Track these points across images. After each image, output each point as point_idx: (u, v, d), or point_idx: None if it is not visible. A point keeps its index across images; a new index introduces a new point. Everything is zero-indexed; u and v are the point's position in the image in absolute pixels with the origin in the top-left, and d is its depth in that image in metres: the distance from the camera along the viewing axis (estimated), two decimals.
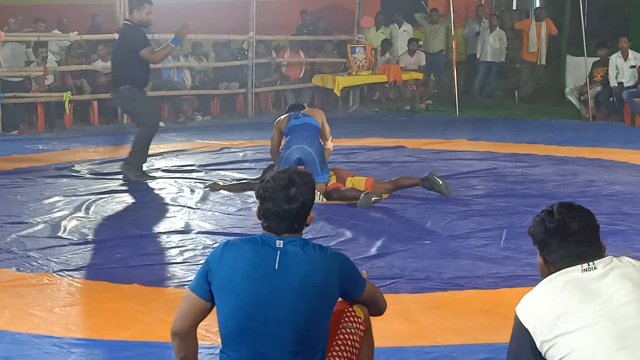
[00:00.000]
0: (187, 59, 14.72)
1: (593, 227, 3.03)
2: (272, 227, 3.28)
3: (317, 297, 3.20)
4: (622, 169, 9.61)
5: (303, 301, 3.17)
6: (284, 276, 3.18)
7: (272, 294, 3.17)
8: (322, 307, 3.23)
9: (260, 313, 3.16)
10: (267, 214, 3.28)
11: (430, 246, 6.48)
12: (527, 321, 2.88)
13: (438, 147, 11.25)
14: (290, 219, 3.26)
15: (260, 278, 3.18)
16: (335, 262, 3.29)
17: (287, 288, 3.17)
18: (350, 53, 15.60)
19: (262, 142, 11.60)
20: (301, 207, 3.27)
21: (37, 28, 13.76)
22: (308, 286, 3.18)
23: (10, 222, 7.13)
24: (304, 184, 3.30)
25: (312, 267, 3.21)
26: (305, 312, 3.17)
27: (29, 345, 4.54)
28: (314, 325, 3.21)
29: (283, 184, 3.27)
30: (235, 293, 3.19)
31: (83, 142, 11.56)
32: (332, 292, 3.27)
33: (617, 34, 14.64)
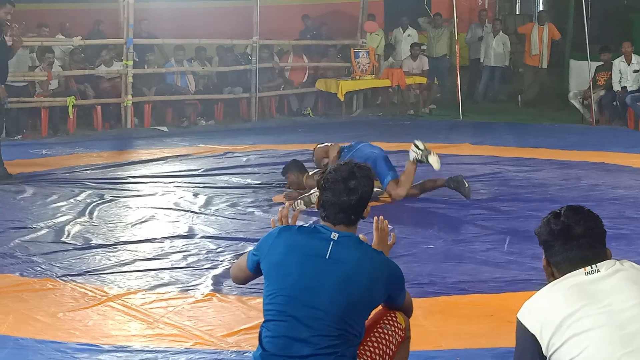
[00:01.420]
0: (191, 63, 14.72)
1: (598, 232, 3.01)
2: (330, 217, 3.37)
3: (359, 294, 3.26)
4: (626, 173, 9.61)
5: (344, 295, 3.24)
6: (332, 267, 3.26)
7: (317, 281, 3.25)
8: (362, 305, 3.29)
9: (302, 297, 3.24)
10: (326, 204, 3.38)
11: (434, 250, 6.48)
12: (531, 326, 2.87)
13: (441, 152, 11.15)
14: (348, 211, 3.35)
15: (309, 264, 3.28)
16: (385, 268, 3.36)
17: (332, 278, 3.25)
18: (353, 57, 15.61)
19: (266, 147, 11.63)
20: (360, 199, 3.36)
21: (41, 33, 13.77)
22: (353, 282, 3.25)
23: (14, 227, 7.13)
24: (364, 177, 3.40)
25: (361, 265, 3.28)
26: (344, 305, 3.23)
27: (32, 350, 4.54)
28: (350, 319, 3.26)
29: (344, 175, 3.37)
30: (283, 276, 3.29)
31: (87, 147, 11.57)
32: (376, 295, 3.34)
33: (621, 39, 14.64)
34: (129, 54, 13.47)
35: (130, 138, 12.78)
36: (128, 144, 12.23)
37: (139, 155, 11.05)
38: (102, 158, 10.79)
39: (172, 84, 14.40)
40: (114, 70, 13.62)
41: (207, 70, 15.01)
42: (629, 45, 13.98)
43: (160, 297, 5.41)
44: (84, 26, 15.06)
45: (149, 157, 10.80)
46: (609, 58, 14.24)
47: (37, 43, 13.10)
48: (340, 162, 3.47)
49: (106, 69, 13.63)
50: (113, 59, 13.67)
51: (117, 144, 12.17)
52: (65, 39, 14.05)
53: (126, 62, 13.47)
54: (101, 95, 13.56)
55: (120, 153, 11.37)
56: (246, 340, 4.64)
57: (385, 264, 3.37)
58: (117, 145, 12.05)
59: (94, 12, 15.90)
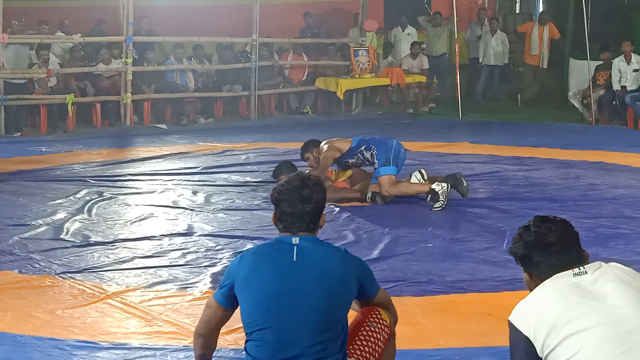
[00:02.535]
0: (190, 61, 14.72)
1: (571, 236, 3.05)
2: (288, 227, 3.45)
3: (335, 286, 3.34)
4: (625, 172, 9.61)
5: (323, 289, 3.31)
6: (303, 267, 3.34)
7: (292, 284, 3.31)
8: (341, 296, 3.36)
9: (283, 301, 3.30)
10: (282, 216, 3.46)
11: (433, 249, 6.48)
12: (525, 328, 2.87)
13: (441, 150, 11.25)
14: (305, 219, 3.44)
15: (281, 270, 3.34)
16: (352, 259, 3.49)
17: (306, 277, 3.32)
18: (353, 56, 15.60)
19: (265, 145, 11.63)
20: (315, 206, 3.46)
21: (41, 30, 13.77)
22: (327, 276, 3.33)
23: (13, 224, 7.13)
24: (316, 185, 3.51)
25: (329, 259, 3.39)
26: (325, 300, 3.30)
27: (31, 347, 4.54)
28: (334, 312, 3.33)
29: (296, 185, 3.48)
30: (257, 287, 3.33)
31: (86, 145, 11.57)
32: (350, 285, 3.41)
33: (620, 38, 14.63)
34: (128, 52, 13.47)
35: (129, 136, 12.78)
36: (127, 142, 12.23)
37: (138, 153, 11.05)
38: (102, 155, 10.79)
39: (171, 82, 14.39)
40: (114, 67, 13.61)
41: (206, 68, 15.00)
42: (628, 45, 13.98)
43: (159, 294, 5.42)
44: (84, 23, 15.05)
45: (148, 155, 10.81)
46: (609, 57, 14.23)
47: (37, 40, 13.09)
48: (290, 176, 3.59)
49: (105, 66, 13.62)
50: (112, 57, 13.66)
51: (117, 141, 12.17)
52: (64, 36, 14.05)
53: (126, 59, 13.46)
54: (101, 93, 13.55)
55: (119, 151, 11.37)
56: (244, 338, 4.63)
57: (351, 257, 3.50)
58: (117, 142, 12.05)
59: (93, 9, 15.89)
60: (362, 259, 3.61)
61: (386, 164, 7.90)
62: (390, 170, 7.91)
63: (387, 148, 7.97)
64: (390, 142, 8.05)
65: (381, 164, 7.91)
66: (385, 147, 7.98)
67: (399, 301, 5.23)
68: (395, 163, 7.96)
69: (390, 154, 7.94)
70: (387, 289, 5.38)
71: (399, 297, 5.34)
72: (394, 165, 7.94)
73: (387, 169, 7.90)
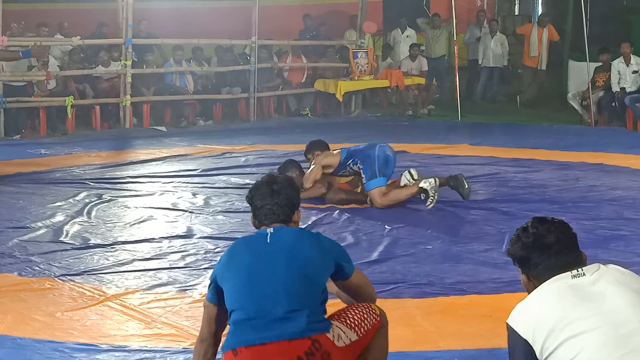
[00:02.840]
0: (190, 63, 14.72)
1: (570, 237, 3.05)
2: (262, 220, 3.64)
3: (309, 257, 3.49)
4: (624, 174, 9.60)
5: (295, 262, 3.45)
6: (277, 246, 3.51)
7: (266, 261, 3.46)
8: (315, 268, 3.49)
9: (259, 279, 3.43)
10: (256, 212, 3.65)
11: (432, 251, 6.48)
12: (524, 331, 2.87)
13: (440, 152, 11.25)
14: (277, 211, 3.62)
15: (255, 252, 3.51)
16: (326, 240, 3.66)
17: (279, 253, 3.47)
18: (352, 58, 15.61)
19: (264, 147, 11.63)
20: (285, 199, 3.64)
21: (40, 33, 13.77)
22: (299, 248, 3.49)
23: (12, 227, 7.13)
24: (285, 180, 3.72)
25: (302, 239, 3.56)
26: (297, 273, 3.43)
27: (30, 350, 4.53)
28: (309, 284, 3.45)
29: (266, 180, 3.70)
30: (235, 271, 3.49)
31: (85, 147, 11.57)
32: (326, 261, 3.55)
33: (619, 40, 14.65)
34: (127, 54, 13.47)
35: (128, 138, 12.78)
36: (126, 144, 12.23)
37: (138, 155, 11.05)
38: (101, 158, 10.79)
39: (170, 84, 14.39)
40: (113, 70, 13.62)
41: (205, 70, 15.01)
42: (627, 46, 13.99)
43: (159, 297, 5.41)
44: (83, 26, 15.06)
45: (147, 157, 10.80)
46: (608, 59, 14.24)
47: (36, 43, 13.07)
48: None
49: (104, 69, 13.63)
50: (111, 59, 13.66)
51: (116, 143, 12.16)
52: (64, 38, 14.05)
53: (125, 62, 13.46)
54: (100, 95, 13.55)
55: (118, 153, 11.37)
56: None
57: (326, 238, 3.67)
58: (116, 145, 12.05)
59: (93, 12, 15.90)
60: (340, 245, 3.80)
61: (372, 177, 7.87)
62: (377, 183, 7.87)
63: (370, 161, 7.90)
64: (372, 153, 7.92)
65: (367, 178, 7.88)
66: (368, 160, 7.90)
67: (398, 303, 5.26)
68: (382, 173, 7.89)
69: (375, 166, 7.87)
70: (386, 291, 5.43)
71: (398, 299, 5.35)
72: (380, 175, 7.88)
73: (373, 182, 7.87)
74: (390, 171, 8.01)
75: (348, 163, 8.02)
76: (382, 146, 8.05)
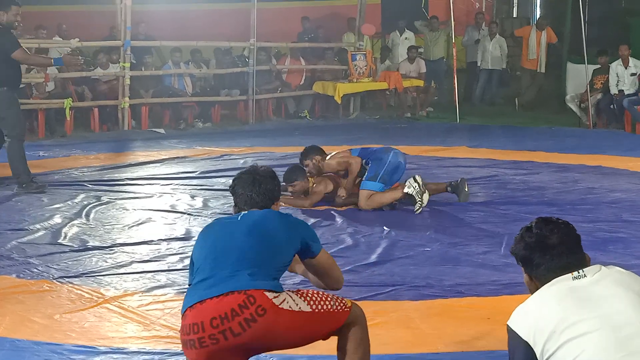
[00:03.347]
0: (188, 66, 14.72)
1: (573, 239, 3.04)
2: (240, 206, 3.81)
3: (272, 233, 3.62)
4: (623, 176, 9.61)
5: (256, 232, 3.61)
6: (244, 221, 3.69)
7: (230, 231, 3.66)
8: (277, 241, 3.61)
9: (219, 244, 3.62)
10: (235, 198, 3.83)
11: (431, 253, 6.47)
12: (524, 333, 2.87)
13: (439, 155, 11.26)
14: (256, 199, 3.79)
15: (225, 225, 3.74)
16: (293, 218, 3.79)
17: (243, 227, 3.65)
18: (351, 60, 15.61)
19: (263, 149, 11.63)
20: (265, 191, 3.80)
21: (39, 35, 13.77)
22: (263, 223, 3.65)
23: (11, 229, 7.12)
24: (266, 172, 3.87)
25: (269, 216, 3.71)
26: (257, 241, 3.58)
27: (29, 352, 4.53)
28: (265, 250, 3.57)
29: (249, 170, 3.88)
30: (203, 242, 3.71)
31: (84, 149, 11.56)
32: (291, 237, 3.66)
33: (618, 42, 14.66)
34: (126, 56, 13.47)
35: (127, 140, 12.78)
36: (125, 146, 12.22)
37: (136, 158, 11.05)
38: (99, 160, 10.79)
39: (169, 86, 14.39)
40: (112, 72, 13.62)
41: (204, 72, 15.01)
42: (625, 49, 14.00)
43: (157, 299, 5.41)
44: (82, 28, 15.05)
45: (146, 160, 10.80)
46: (606, 61, 14.25)
47: (35, 45, 13.08)
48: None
49: (103, 71, 13.63)
50: (110, 61, 13.67)
51: (114, 146, 12.16)
52: (62, 40, 14.05)
53: (123, 64, 13.47)
54: (98, 98, 13.55)
55: (117, 155, 11.36)
56: None
57: (296, 219, 3.80)
58: (114, 147, 12.04)
59: (91, 14, 15.91)
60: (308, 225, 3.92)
61: (372, 179, 7.88)
62: (372, 186, 7.88)
63: (380, 164, 7.92)
64: (385, 157, 7.96)
65: (368, 177, 7.90)
66: (379, 163, 7.93)
67: (397, 305, 5.26)
68: (383, 180, 7.91)
69: (381, 170, 7.89)
70: (385, 293, 5.44)
71: (397, 301, 5.35)
72: (380, 182, 7.90)
73: (370, 184, 7.88)
74: (398, 177, 8.04)
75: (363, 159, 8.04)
76: (396, 153, 8.08)
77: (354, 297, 5.31)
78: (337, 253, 6.40)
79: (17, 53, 8.54)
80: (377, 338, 4.67)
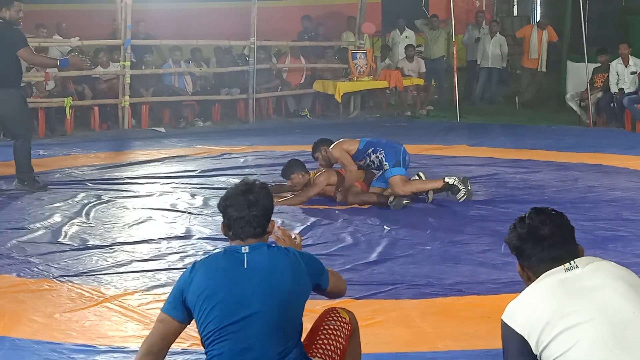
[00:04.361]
0: (188, 64, 14.72)
1: (566, 230, 3.03)
2: (237, 233, 3.42)
3: (286, 287, 3.33)
4: (623, 174, 9.61)
5: (273, 292, 3.30)
6: (254, 273, 3.33)
7: (243, 290, 3.30)
8: (292, 298, 3.35)
9: (236, 309, 3.28)
10: (230, 221, 3.43)
11: (431, 252, 6.48)
12: (519, 327, 2.86)
13: (439, 153, 11.26)
14: (253, 223, 3.41)
15: (232, 279, 3.33)
16: (300, 259, 3.45)
17: (256, 282, 3.31)
18: (351, 59, 15.61)
19: (263, 148, 11.63)
20: (262, 210, 3.43)
21: (39, 34, 13.77)
22: (276, 278, 3.32)
23: (11, 228, 7.13)
24: (262, 189, 3.49)
25: (279, 263, 3.37)
26: (277, 303, 3.29)
27: (29, 351, 4.53)
28: (286, 315, 3.32)
29: (243, 189, 3.46)
30: (212, 299, 3.31)
31: (84, 148, 11.56)
32: (303, 284, 3.41)
33: (618, 41, 14.65)
34: (126, 55, 13.47)
35: (127, 139, 12.78)
36: (125, 145, 12.22)
37: (136, 156, 11.05)
38: (99, 159, 10.79)
39: (169, 85, 14.40)
40: (112, 71, 13.62)
41: (204, 71, 15.01)
42: (625, 47, 14.00)
43: (157, 297, 5.40)
44: (82, 27, 15.06)
45: (146, 158, 10.80)
46: (606, 60, 14.25)
47: (35, 44, 13.06)
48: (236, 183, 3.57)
49: (103, 70, 13.63)
50: (110, 60, 13.67)
51: (115, 144, 12.16)
52: (62, 39, 14.05)
53: (124, 63, 13.47)
54: (99, 96, 13.56)
55: (117, 154, 11.37)
56: None
57: (299, 254, 3.47)
58: (115, 146, 12.05)
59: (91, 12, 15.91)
60: (309, 253, 3.61)
61: (396, 165, 7.97)
62: (400, 171, 7.98)
63: (395, 151, 8.04)
64: (398, 147, 8.14)
65: (392, 165, 7.97)
66: (393, 150, 8.06)
67: (397, 304, 5.26)
68: (404, 165, 8.04)
69: (400, 157, 8.02)
70: (385, 292, 5.43)
71: (397, 299, 5.35)
72: (403, 166, 8.03)
73: (397, 170, 7.97)
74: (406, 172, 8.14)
75: (368, 151, 8.08)
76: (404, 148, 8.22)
77: (354, 295, 5.32)
78: (337, 252, 6.41)
79: (23, 51, 8.45)
80: (377, 337, 4.68)
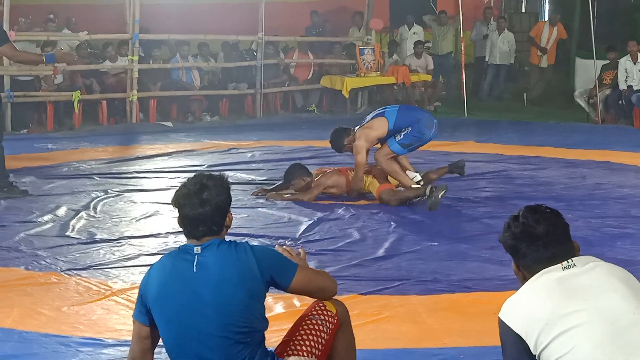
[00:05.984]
0: (196, 59, 14.73)
1: (560, 229, 2.98)
2: (192, 232, 3.36)
3: (236, 290, 3.24)
4: (631, 172, 9.59)
5: (221, 299, 3.23)
6: (202, 278, 3.26)
7: (194, 299, 3.24)
8: (245, 299, 3.25)
9: (189, 319, 3.24)
10: (184, 220, 3.38)
11: (438, 248, 6.47)
12: (517, 326, 2.83)
13: (446, 149, 11.24)
14: (207, 222, 3.34)
15: (182, 287, 3.27)
16: (252, 254, 3.33)
17: (206, 289, 3.24)
18: (359, 54, 15.59)
19: (270, 143, 11.63)
20: (215, 209, 3.35)
21: (48, 27, 13.79)
22: (223, 284, 3.24)
23: (19, 221, 7.14)
24: (216, 186, 3.39)
25: (226, 263, 3.27)
26: (227, 308, 3.22)
27: (37, 344, 4.55)
28: (242, 317, 3.25)
29: (195, 188, 3.38)
30: (165, 308, 3.29)
31: (92, 142, 11.58)
32: (255, 284, 3.29)
33: (627, 38, 14.62)
34: (134, 49, 13.48)
35: (135, 133, 12.80)
36: (133, 139, 12.24)
37: (144, 151, 11.07)
38: (107, 153, 10.81)
39: (177, 80, 14.40)
40: (120, 65, 13.63)
41: (212, 66, 15.01)
42: (634, 44, 13.96)
43: None
44: (91, 21, 15.05)
45: (153, 153, 10.82)
46: (615, 57, 14.23)
47: (44, 37, 13.10)
48: (190, 177, 3.49)
49: (111, 64, 13.64)
50: (118, 54, 13.68)
51: (122, 139, 12.18)
52: (71, 33, 14.07)
53: (132, 57, 13.48)
54: (107, 90, 13.57)
55: (125, 148, 11.38)
56: None
57: (250, 249, 3.35)
58: (122, 140, 12.06)
59: (100, 7, 15.90)
60: (267, 247, 3.54)
61: (404, 146, 7.95)
62: (399, 150, 7.96)
63: (420, 139, 7.99)
64: (426, 135, 8.02)
65: (400, 142, 7.94)
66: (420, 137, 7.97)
67: (404, 300, 5.26)
68: (411, 150, 8.05)
69: (416, 144, 8.02)
70: (392, 288, 5.43)
71: (404, 295, 5.35)
72: (407, 151, 8.02)
73: (397, 147, 7.94)
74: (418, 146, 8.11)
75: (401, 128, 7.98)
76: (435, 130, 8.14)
77: (361, 291, 5.33)
78: (344, 247, 6.41)
79: (5, 48, 7.87)
80: (384, 332, 4.69)
